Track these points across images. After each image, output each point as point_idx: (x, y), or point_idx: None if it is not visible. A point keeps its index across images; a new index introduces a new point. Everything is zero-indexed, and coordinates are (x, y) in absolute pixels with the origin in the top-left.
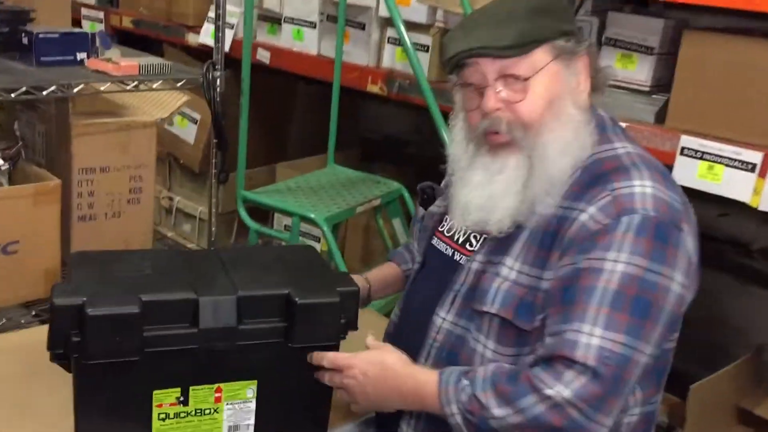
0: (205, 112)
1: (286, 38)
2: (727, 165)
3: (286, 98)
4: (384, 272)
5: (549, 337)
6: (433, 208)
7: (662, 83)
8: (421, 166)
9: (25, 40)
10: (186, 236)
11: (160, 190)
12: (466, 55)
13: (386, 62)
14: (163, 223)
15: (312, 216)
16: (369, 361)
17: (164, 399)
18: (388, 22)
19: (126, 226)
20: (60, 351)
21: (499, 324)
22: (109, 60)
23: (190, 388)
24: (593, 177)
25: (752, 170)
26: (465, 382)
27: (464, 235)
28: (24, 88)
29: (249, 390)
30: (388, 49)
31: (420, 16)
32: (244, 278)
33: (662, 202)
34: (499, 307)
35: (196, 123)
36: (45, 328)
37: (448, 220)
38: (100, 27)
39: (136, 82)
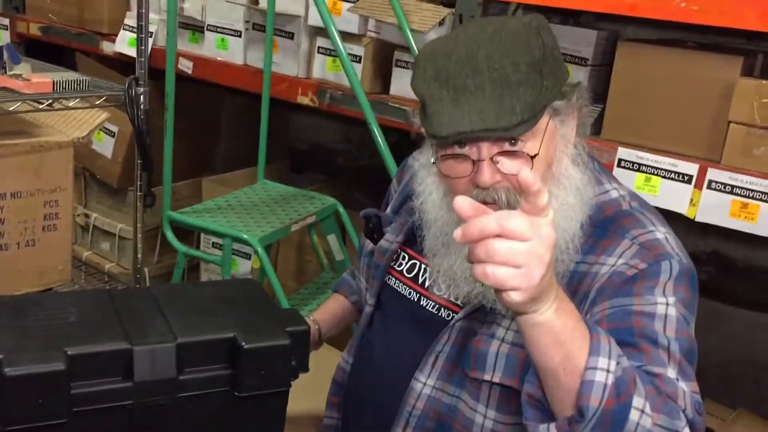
0: (124, 125)
1: (209, 47)
2: (663, 177)
3: (211, 109)
4: (332, 308)
5: None
6: (384, 244)
7: (596, 94)
8: (351, 175)
9: None
10: (105, 255)
11: (76, 206)
12: (469, 138)
13: (316, 73)
14: (80, 242)
15: (245, 237)
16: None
17: None
18: (318, 32)
19: (42, 256)
20: None
21: (501, 391)
22: (19, 76)
23: None
24: (599, 226)
25: (689, 182)
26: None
27: (431, 277)
28: None
29: None
30: (318, 59)
31: (352, 26)
32: (182, 321)
33: (684, 250)
34: (503, 375)
35: (113, 136)
36: None
37: (406, 258)
38: (5, 34)
39: (50, 101)
